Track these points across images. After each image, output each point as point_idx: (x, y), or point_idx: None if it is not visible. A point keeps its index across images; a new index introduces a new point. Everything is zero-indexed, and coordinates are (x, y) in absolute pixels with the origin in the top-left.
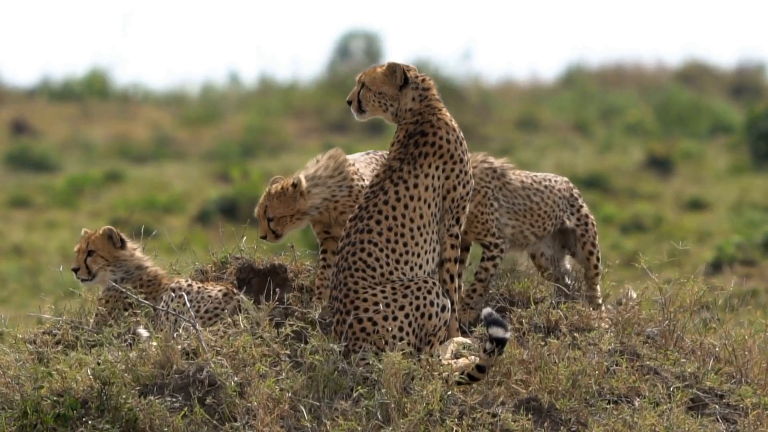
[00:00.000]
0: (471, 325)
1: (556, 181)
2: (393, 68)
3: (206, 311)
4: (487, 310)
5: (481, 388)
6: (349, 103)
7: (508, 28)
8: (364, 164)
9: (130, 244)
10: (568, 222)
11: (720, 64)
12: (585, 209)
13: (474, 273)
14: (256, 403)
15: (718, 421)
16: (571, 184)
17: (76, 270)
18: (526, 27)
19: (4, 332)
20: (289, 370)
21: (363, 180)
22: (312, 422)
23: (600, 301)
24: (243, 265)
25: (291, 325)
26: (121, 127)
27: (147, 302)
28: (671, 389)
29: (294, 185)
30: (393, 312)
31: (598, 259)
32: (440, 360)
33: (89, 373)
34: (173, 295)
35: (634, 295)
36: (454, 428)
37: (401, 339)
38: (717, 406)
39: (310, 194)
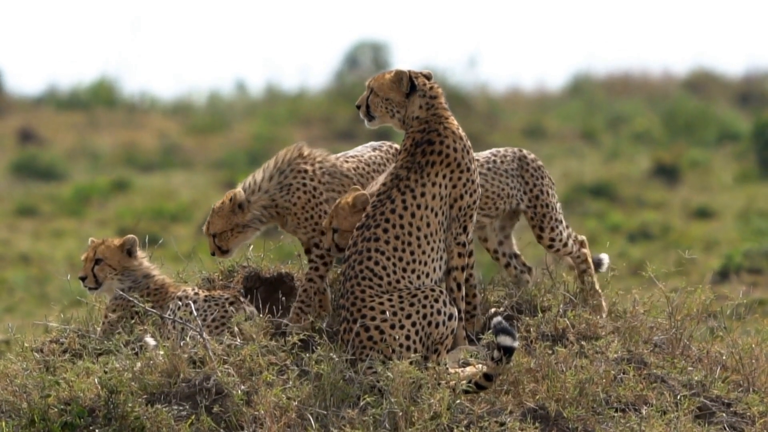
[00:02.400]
0: (478, 334)
1: (504, 156)
2: (400, 76)
3: (213, 320)
4: (496, 319)
5: (488, 396)
6: (358, 107)
7: (515, 36)
8: (357, 161)
9: (138, 253)
10: (521, 203)
11: (727, 72)
12: (539, 186)
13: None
14: (263, 412)
15: (725, 429)
16: (523, 154)
17: (83, 279)
18: (533, 35)
19: (12, 341)
20: (296, 379)
21: (314, 179)
22: (319, 431)
23: (599, 297)
24: (250, 274)
25: (297, 334)
26: (128, 135)
27: (154, 311)
28: (678, 397)
29: (230, 199)
30: (400, 320)
31: (567, 246)
32: (447, 368)
33: (96, 382)
34: (180, 303)
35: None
36: None
37: (408, 347)
38: (724, 415)
39: (251, 204)
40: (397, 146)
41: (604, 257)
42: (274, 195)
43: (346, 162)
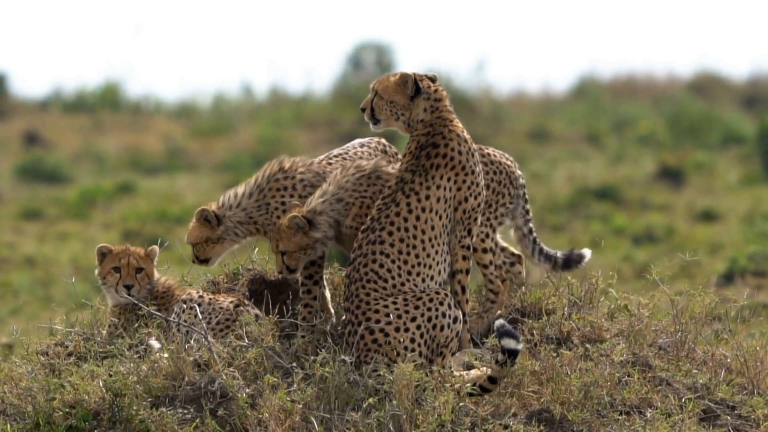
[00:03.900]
0: (483, 337)
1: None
2: (405, 78)
3: (218, 323)
4: (499, 322)
5: (492, 399)
6: (363, 110)
7: (520, 39)
8: (341, 162)
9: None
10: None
11: (732, 75)
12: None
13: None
14: (267, 415)
15: None
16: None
17: (130, 287)
18: (538, 38)
19: (17, 344)
20: (300, 382)
21: (294, 195)
22: None
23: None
24: (255, 277)
25: (303, 337)
26: (133, 138)
27: (159, 314)
28: (683, 400)
29: (197, 214)
30: (405, 323)
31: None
32: (452, 371)
33: (101, 385)
34: (185, 306)
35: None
36: None
37: (413, 350)
38: (729, 417)
39: (226, 219)
40: (386, 142)
41: (586, 252)
42: (251, 213)
43: (330, 164)
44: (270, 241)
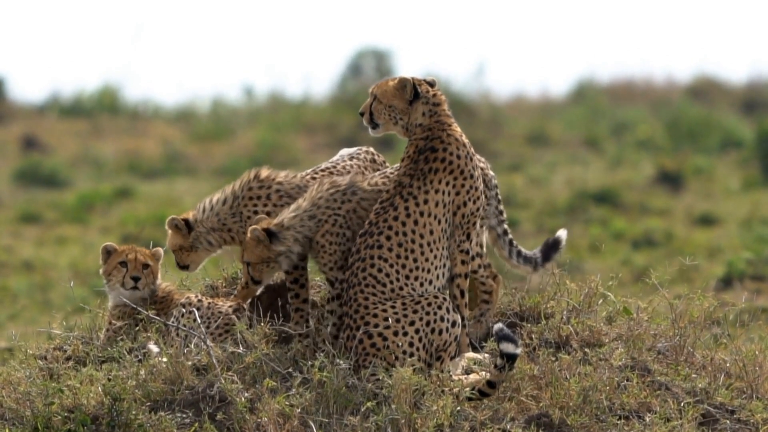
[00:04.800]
0: (481, 341)
1: None
2: (404, 83)
3: (217, 327)
4: (498, 326)
5: (491, 403)
6: (362, 114)
7: (519, 44)
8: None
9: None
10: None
11: (730, 79)
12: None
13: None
14: (266, 419)
15: None
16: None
17: (138, 279)
18: (537, 43)
19: (15, 348)
20: (299, 386)
21: (268, 205)
22: None
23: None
24: None
25: (300, 341)
26: (132, 143)
27: (158, 318)
28: (682, 405)
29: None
30: (403, 327)
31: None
32: (451, 375)
33: (100, 389)
34: (183, 311)
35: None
36: None
37: (411, 354)
38: (728, 422)
39: (198, 224)
40: (374, 151)
41: (562, 233)
42: (225, 220)
43: (314, 179)
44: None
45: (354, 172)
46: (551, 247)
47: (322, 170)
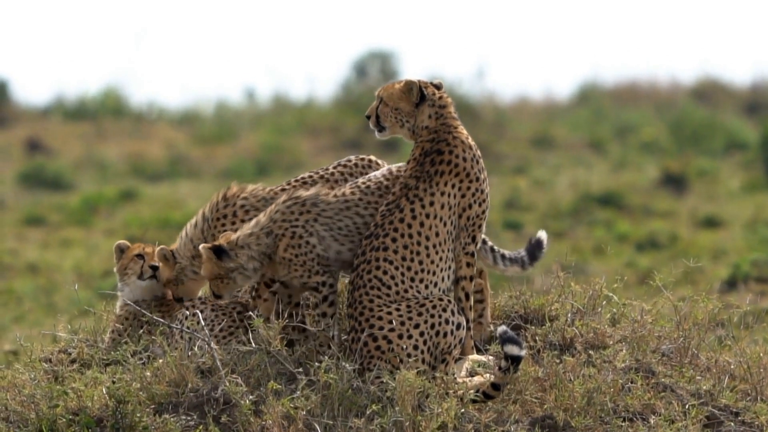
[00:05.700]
0: (486, 344)
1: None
2: (410, 86)
3: (221, 329)
4: (502, 328)
5: (496, 406)
6: (368, 117)
7: (523, 46)
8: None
9: None
10: None
11: (734, 81)
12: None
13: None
14: (270, 422)
15: None
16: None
17: (156, 267)
18: (541, 45)
19: (20, 351)
20: (303, 388)
21: (236, 223)
22: None
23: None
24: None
25: (301, 345)
26: (136, 145)
27: (162, 320)
28: (686, 407)
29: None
30: (408, 330)
31: None
32: (455, 378)
33: (104, 392)
34: (188, 313)
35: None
36: None
37: (416, 357)
38: (732, 424)
39: (178, 255)
40: (373, 158)
41: (542, 235)
42: (198, 235)
43: (284, 190)
44: None
45: (320, 183)
46: (535, 247)
47: (296, 180)
